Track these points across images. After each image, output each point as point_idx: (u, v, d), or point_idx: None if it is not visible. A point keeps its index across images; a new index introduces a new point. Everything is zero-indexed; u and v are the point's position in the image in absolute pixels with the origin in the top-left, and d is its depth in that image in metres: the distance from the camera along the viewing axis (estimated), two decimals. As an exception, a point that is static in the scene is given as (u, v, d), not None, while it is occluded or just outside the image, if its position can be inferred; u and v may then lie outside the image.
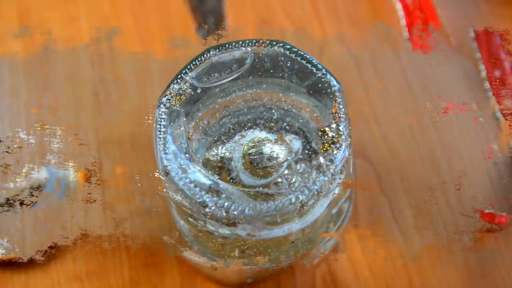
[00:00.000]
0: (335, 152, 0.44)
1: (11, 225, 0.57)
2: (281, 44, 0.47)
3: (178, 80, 0.47)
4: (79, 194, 0.58)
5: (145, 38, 0.64)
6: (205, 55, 0.47)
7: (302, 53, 0.47)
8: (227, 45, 0.47)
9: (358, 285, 0.54)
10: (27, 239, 0.57)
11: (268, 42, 0.47)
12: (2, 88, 0.63)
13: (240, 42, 0.48)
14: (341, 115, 0.45)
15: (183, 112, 0.46)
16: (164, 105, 0.46)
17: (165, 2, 0.66)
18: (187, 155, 0.45)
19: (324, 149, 0.44)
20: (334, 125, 0.45)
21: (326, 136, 0.45)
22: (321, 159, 0.44)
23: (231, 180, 0.46)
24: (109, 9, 0.66)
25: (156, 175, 0.46)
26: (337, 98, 0.46)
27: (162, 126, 0.45)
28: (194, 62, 0.47)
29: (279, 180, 0.45)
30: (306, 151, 0.46)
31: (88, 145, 0.60)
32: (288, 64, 0.47)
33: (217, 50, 0.47)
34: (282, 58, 0.47)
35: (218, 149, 0.47)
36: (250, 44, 0.48)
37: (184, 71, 0.47)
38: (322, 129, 0.45)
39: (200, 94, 0.47)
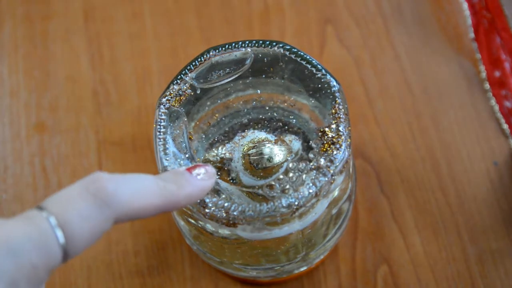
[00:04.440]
0: (335, 152, 0.44)
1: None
2: (281, 45, 0.47)
3: (178, 81, 0.47)
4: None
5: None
6: (205, 56, 0.47)
7: (301, 53, 0.47)
8: (227, 46, 0.47)
9: (420, 287, 0.54)
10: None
11: (268, 42, 0.47)
12: (2, 88, 0.63)
13: (240, 42, 0.48)
14: (341, 116, 0.45)
15: (184, 112, 0.46)
16: (164, 105, 0.46)
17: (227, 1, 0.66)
18: (187, 155, 0.45)
19: (324, 149, 0.44)
20: (334, 126, 0.45)
21: (326, 137, 0.45)
22: (321, 160, 0.44)
23: (231, 181, 0.46)
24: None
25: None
26: (337, 99, 0.46)
27: (162, 127, 0.45)
28: (194, 63, 0.47)
29: (273, 183, 0.45)
30: (306, 152, 0.46)
31: (88, 145, 0.60)
32: (288, 65, 0.47)
33: (217, 50, 0.47)
34: (282, 59, 0.47)
35: (218, 149, 0.47)
36: (250, 44, 0.47)
37: (184, 71, 0.47)
38: (322, 130, 0.45)
39: (200, 94, 0.47)
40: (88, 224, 0.34)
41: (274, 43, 0.47)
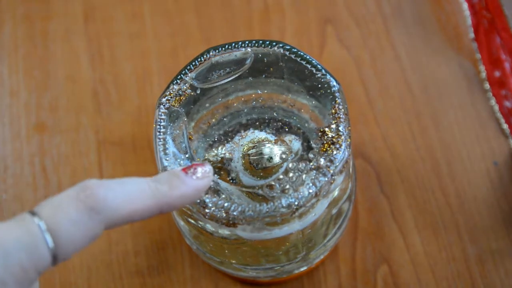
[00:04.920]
0: (334, 152, 0.44)
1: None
2: (281, 45, 0.47)
3: (178, 81, 0.47)
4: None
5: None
6: (205, 56, 0.47)
7: (301, 53, 0.47)
8: (227, 46, 0.47)
9: (420, 287, 0.54)
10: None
11: (267, 42, 0.47)
12: (2, 88, 0.63)
13: (240, 42, 0.48)
14: (341, 116, 0.45)
15: (184, 112, 0.46)
16: (164, 105, 0.46)
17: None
18: (187, 155, 0.45)
19: (324, 149, 0.44)
20: (334, 126, 0.45)
21: (326, 137, 0.45)
22: (321, 160, 0.44)
23: (231, 181, 0.46)
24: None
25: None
26: (336, 99, 0.46)
27: (162, 127, 0.45)
28: (194, 63, 0.47)
29: (273, 183, 0.45)
30: (306, 152, 0.46)
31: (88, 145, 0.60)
32: (288, 65, 0.47)
33: (217, 50, 0.47)
34: (282, 59, 0.47)
35: (218, 149, 0.47)
36: (250, 44, 0.47)
37: (184, 71, 0.47)
38: (321, 130, 0.45)
39: (200, 94, 0.47)
40: (77, 229, 0.35)
41: (274, 43, 0.47)
